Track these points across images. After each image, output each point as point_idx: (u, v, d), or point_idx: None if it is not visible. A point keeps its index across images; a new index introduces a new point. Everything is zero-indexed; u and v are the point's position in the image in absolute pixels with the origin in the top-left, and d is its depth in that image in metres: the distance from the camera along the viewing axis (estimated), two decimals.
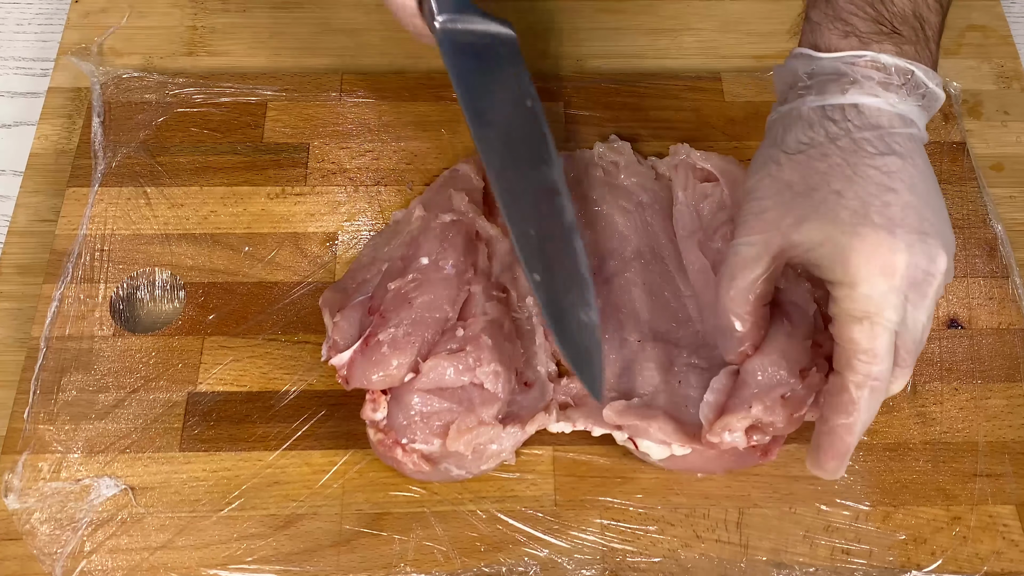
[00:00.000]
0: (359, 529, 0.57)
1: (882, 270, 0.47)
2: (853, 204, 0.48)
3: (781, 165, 0.51)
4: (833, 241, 0.48)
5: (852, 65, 0.51)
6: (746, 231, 0.52)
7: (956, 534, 0.58)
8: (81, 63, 0.74)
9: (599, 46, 0.78)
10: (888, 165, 0.49)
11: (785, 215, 0.50)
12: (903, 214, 0.48)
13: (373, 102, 0.73)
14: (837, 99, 0.51)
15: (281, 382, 0.61)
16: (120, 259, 0.65)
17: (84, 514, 0.57)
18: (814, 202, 0.49)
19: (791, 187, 0.50)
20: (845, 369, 0.48)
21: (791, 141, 0.52)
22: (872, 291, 0.47)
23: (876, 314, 0.47)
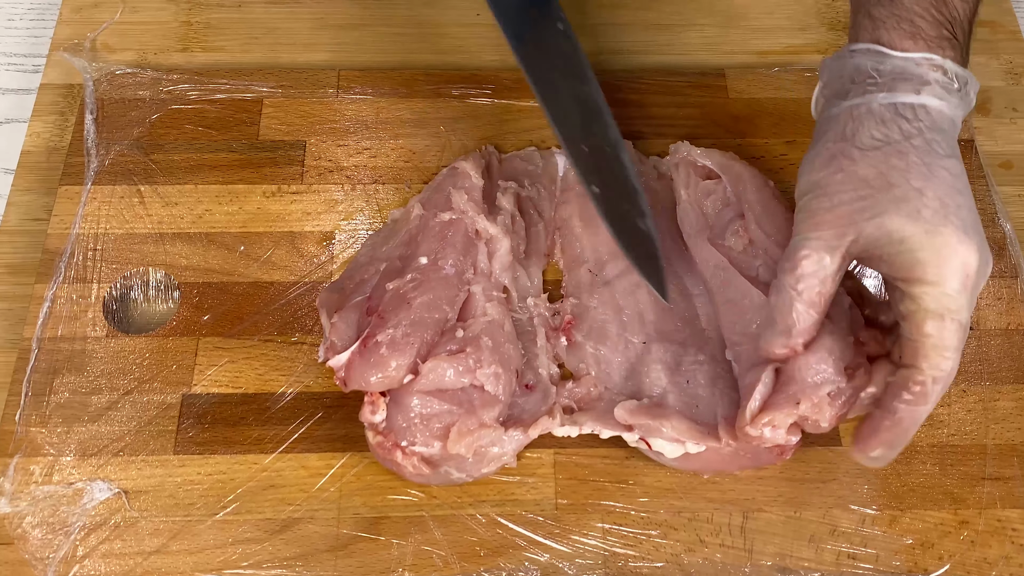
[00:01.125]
0: (357, 533, 0.57)
1: (962, 270, 0.49)
2: (934, 204, 0.50)
3: (855, 160, 0.52)
4: (916, 239, 0.49)
5: (922, 66, 0.52)
6: (815, 225, 0.52)
7: (964, 538, 0.58)
8: (73, 59, 0.74)
9: (600, 42, 0.78)
10: (954, 168, 0.51)
11: (863, 210, 0.51)
12: (971, 217, 0.51)
13: (371, 99, 0.73)
14: (911, 98, 0.52)
15: (277, 384, 0.61)
16: (113, 259, 0.65)
17: (77, 518, 0.57)
18: (894, 198, 0.50)
19: (868, 183, 0.51)
20: (921, 362, 0.50)
21: (864, 136, 0.52)
22: (953, 290, 0.49)
23: (956, 312, 0.49)
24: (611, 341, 0.61)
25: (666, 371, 0.59)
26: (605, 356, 0.61)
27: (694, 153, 0.68)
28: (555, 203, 0.68)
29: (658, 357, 0.60)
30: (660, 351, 0.60)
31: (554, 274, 0.66)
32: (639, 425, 0.57)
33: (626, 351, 0.61)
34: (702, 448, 0.56)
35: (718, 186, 0.66)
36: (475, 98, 0.73)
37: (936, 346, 0.50)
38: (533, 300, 0.63)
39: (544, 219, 0.67)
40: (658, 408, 0.57)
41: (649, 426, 0.56)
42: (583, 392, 0.60)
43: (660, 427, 0.56)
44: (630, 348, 0.61)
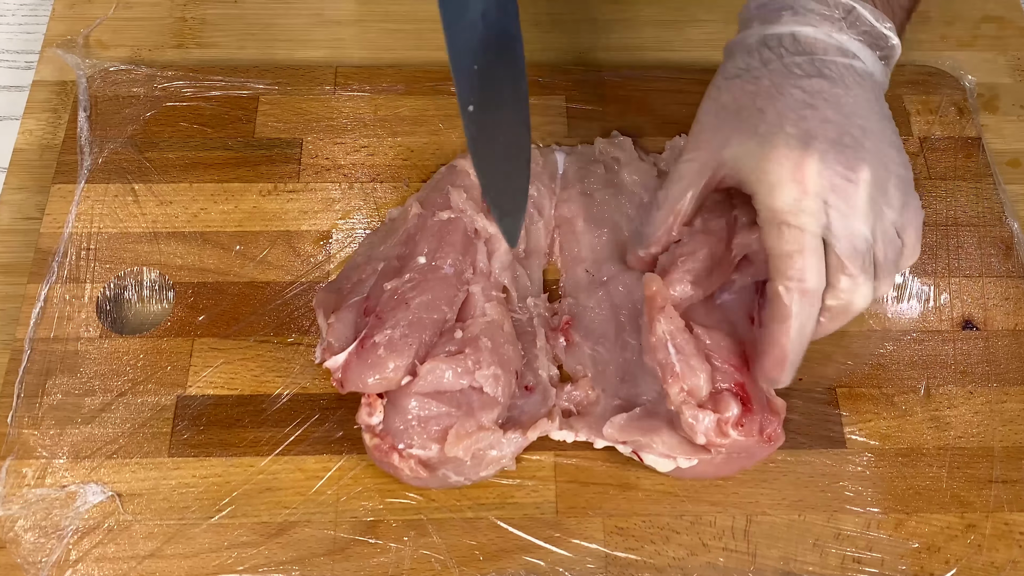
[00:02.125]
0: (354, 537, 0.57)
1: (792, 176, 0.50)
2: (771, 118, 0.52)
3: (720, 89, 0.57)
4: (751, 154, 0.52)
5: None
6: (687, 149, 0.57)
7: (971, 542, 0.58)
8: (67, 56, 0.74)
9: (602, 38, 0.78)
10: (813, 86, 0.53)
11: (716, 134, 0.55)
12: (820, 127, 0.51)
13: (368, 96, 0.73)
14: (775, 28, 0.55)
15: (273, 385, 0.61)
16: (107, 258, 0.65)
17: (70, 522, 0.57)
18: (740, 120, 0.54)
19: (725, 108, 0.55)
20: (775, 275, 0.51)
21: (730, 67, 0.57)
22: (785, 196, 0.51)
23: (792, 218, 0.50)
24: (608, 342, 0.61)
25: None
26: (602, 357, 0.61)
27: None
28: (554, 201, 0.68)
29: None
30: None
31: (554, 273, 0.66)
32: (629, 441, 0.57)
33: (623, 352, 0.61)
34: (694, 462, 0.56)
35: None
36: None
37: (779, 255, 0.51)
38: (533, 300, 0.63)
39: (544, 217, 0.67)
40: (648, 421, 0.57)
41: (639, 442, 0.56)
42: (581, 395, 0.60)
43: (651, 443, 0.56)
44: (628, 349, 0.61)
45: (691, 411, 0.54)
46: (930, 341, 0.64)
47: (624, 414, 0.58)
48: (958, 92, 0.74)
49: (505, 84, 0.55)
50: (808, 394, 0.62)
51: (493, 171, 0.54)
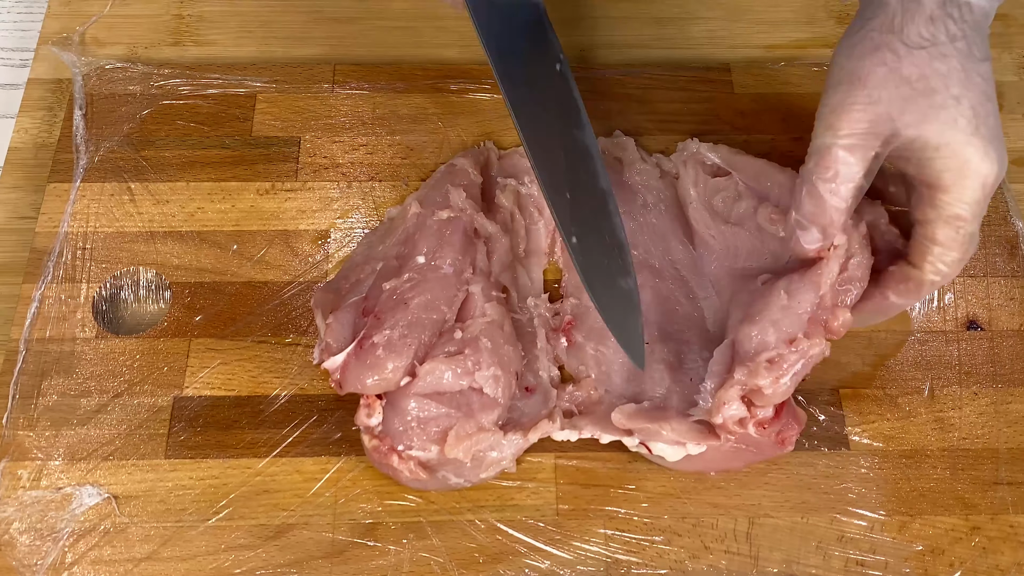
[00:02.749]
0: (352, 539, 0.57)
1: (983, 182, 0.52)
2: (968, 113, 0.52)
3: (900, 57, 0.53)
4: (950, 148, 0.52)
5: None
6: (850, 121, 0.53)
7: (976, 545, 0.58)
8: (62, 53, 0.74)
9: (603, 36, 0.78)
10: (986, 72, 0.53)
11: (904, 110, 0.52)
12: (996, 125, 0.53)
13: (367, 94, 0.73)
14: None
15: (271, 386, 0.61)
16: (103, 258, 0.65)
17: (65, 524, 0.57)
18: (934, 105, 0.52)
19: (910, 83, 0.52)
20: (925, 263, 0.53)
21: (912, 33, 0.53)
22: (971, 200, 0.52)
23: (969, 222, 0.52)
24: (612, 342, 0.61)
25: (668, 370, 0.60)
26: (606, 357, 0.61)
27: (703, 150, 0.68)
28: None
29: (660, 357, 0.60)
30: (663, 351, 0.61)
31: (555, 273, 0.66)
32: (638, 429, 0.57)
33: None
34: (703, 448, 0.56)
35: (728, 182, 0.66)
36: (474, 93, 0.73)
37: (943, 252, 0.53)
38: (533, 300, 0.63)
39: (544, 217, 0.67)
40: (657, 411, 0.57)
41: (648, 430, 0.56)
42: (583, 395, 0.60)
43: (659, 430, 0.56)
44: None
45: (727, 392, 0.54)
46: (934, 341, 0.64)
47: (633, 404, 0.58)
48: None
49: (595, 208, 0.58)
50: (811, 395, 0.62)
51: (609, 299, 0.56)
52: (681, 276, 0.64)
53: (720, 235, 0.64)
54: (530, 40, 0.63)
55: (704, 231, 0.65)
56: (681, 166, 0.68)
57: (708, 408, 0.56)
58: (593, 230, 0.58)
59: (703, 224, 0.65)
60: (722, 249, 0.64)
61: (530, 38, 0.63)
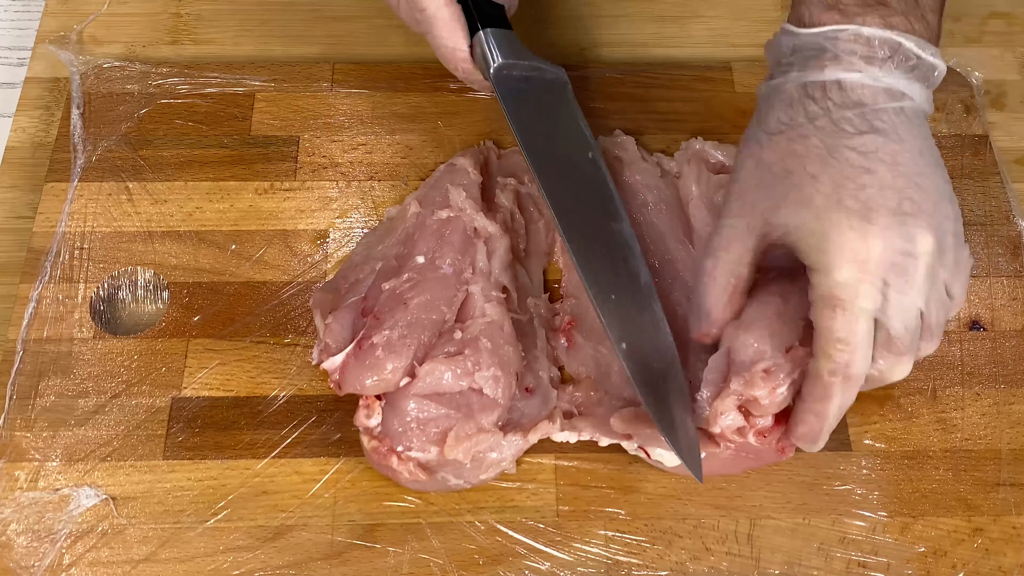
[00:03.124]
0: (351, 541, 0.57)
1: (854, 256, 0.49)
2: (826, 188, 0.50)
3: (762, 146, 0.53)
4: (807, 227, 0.50)
5: (834, 40, 0.52)
6: (728, 212, 0.54)
7: (978, 546, 0.58)
8: (60, 52, 0.74)
9: (603, 34, 0.79)
10: (867, 144, 0.50)
11: (764, 198, 0.52)
12: (880, 196, 0.49)
13: (366, 93, 0.73)
14: (817, 76, 0.52)
15: (270, 387, 0.61)
16: (101, 258, 0.65)
17: (63, 525, 0.57)
18: (789, 186, 0.51)
19: (770, 168, 0.52)
20: (819, 356, 0.50)
21: (772, 121, 0.53)
22: (844, 278, 0.49)
23: (848, 301, 0.49)
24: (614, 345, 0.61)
25: None
26: (606, 358, 0.61)
27: (707, 148, 0.68)
28: None
29: None
30: None
31: (555, 273, 0.66)
32: (636, 434, 0.57)
33: None
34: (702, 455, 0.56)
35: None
36: (473, 92, 0.73)
37: (829, 338, 0.49)
38: (534, 300, 0.63)
39: (544, 216, 0.67)
40: None
41: (646, 435, 0.56)
42: (583, 396, 0.60)
43: (657, 435, 0.56)
44: None
45: (724, 402, 0.54)
46: None
47: (631, 408, 0.58)
48: (965, 89, 0.74)
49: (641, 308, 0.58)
50: None
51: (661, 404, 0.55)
52: (680, 276, 0.64)
53: None
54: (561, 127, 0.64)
55: (702, 229, 0.65)
56: (684, 164, 0.68)
57: (706, 416, 0.55)
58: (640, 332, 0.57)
59: (702, 222, 0.65)
60: None
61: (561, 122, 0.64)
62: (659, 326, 0.58)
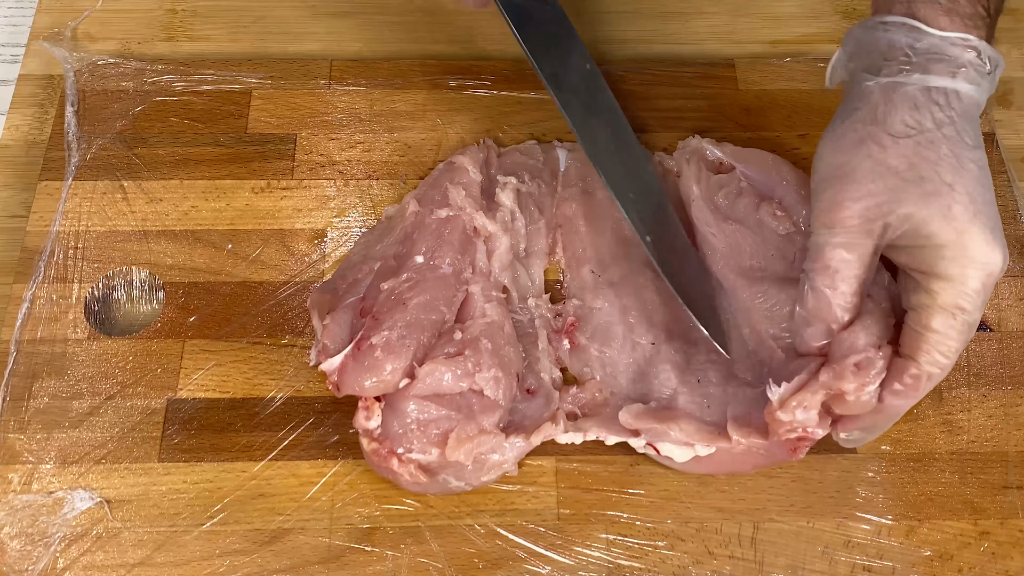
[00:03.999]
0: (349, 544, 0.57)
1: (984, 271, 0.50)
2: (963, 200, 0.50)
3: (885, 148, 0.52)
4: (944, 236, 0.50)
5: (956, 47, 0.52)
6: (842, 219, 0.52)
7: (985, 550, 0.58)
8: (54, 49, 0.74)
9: (605, 31, 0.79)
10: (981, 160, 0.52)
11: (892, 203, 0.51)
12: (995, 215, 0.51)
13: (364, 90, 0.73)
14: (945, 82, 0.52)
15: (266, 388, 0.61)
16: (95, 257, 0.65)
17: (57, 529, 0.57)
18: (925, 193, 0.51)
19: (898, 174, 0.52)
20: (920, 355, 0.51)
21: (896, 123, 0.52)
22: (972, 289, 0.50)
23: (969, 312, 0.51)
24: (617, 343, 0.61)
25: (676, 371, 0.60)
26: (611, 359, 0.61)
27: (706, 145, 0.68)
28: (556, 199, 0.68)
29: (667, 357, 0.60)
30: (670, 351, 0.61)
31: (555, 274, 0.66)
32: (646, 429, 0.57)
33: (633, 353, 0.61)
34: (712, 450, 0.56)
35: (730, 178, 0.66)
36: (473, 89, 0.73)
37: (940, 343, 0.51)
38: (534, 301, 0.64)
39: (545, 216, 0.67)
40: (665, 411, 0.57)
41: (656, 430, 0.56)
42: (588, 397, 0.60)
43: (668, 430, 0.56)
44: (637, 350, 0.61)
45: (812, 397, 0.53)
46: None
47: (640, 404, 0.58)
48: None
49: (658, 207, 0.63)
50: None
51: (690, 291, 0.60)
52: None
53: (722, 233, 0.64)
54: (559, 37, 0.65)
55: (705, 229, 0.65)
56: (684, 163, 0.68)
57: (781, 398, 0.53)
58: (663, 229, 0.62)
59: (704, 222, 0.65)
60: (725, 248, 0.64)
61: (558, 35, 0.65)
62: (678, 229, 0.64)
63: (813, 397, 0.53)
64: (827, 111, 0.72)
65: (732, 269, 0.63)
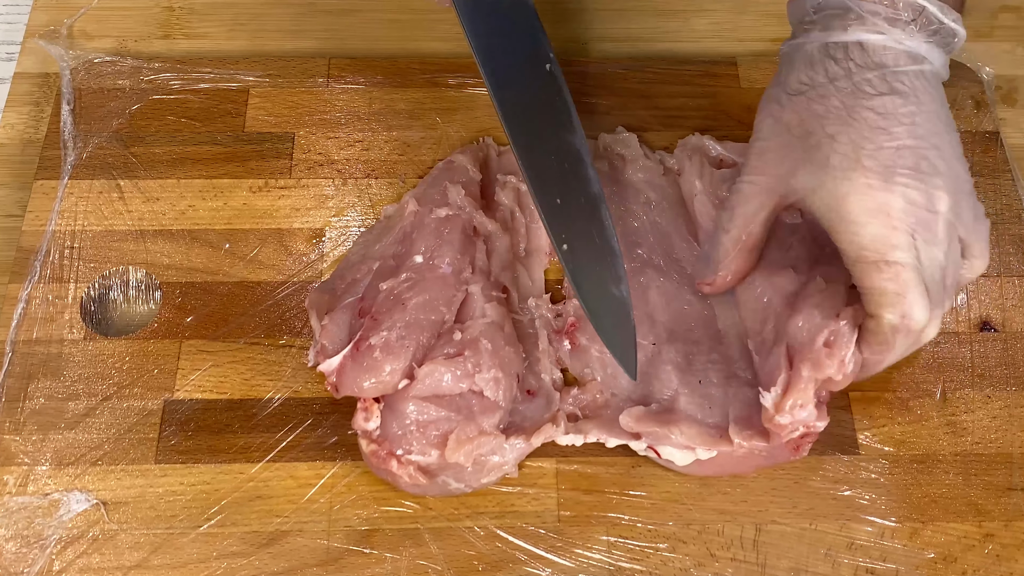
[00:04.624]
0: (348, 547, 0.57)
1: (877, 212, 0.50)
2: (845, 148, 0.51)
3: (783, 106, 0.55)
4: (825, 187, 0.51)
5: (858, 1, 0.53)
6: (748, 171, 0.56)
7: (989, 552, 0.58)
8: (49, 46, 0.74)
9: (605, 28, 0.79)
10: (886, 105, 0.52)
11: (783, 158, 0.54)
12: (897, 156, 0.51)
13: (363, 88, 0.73)
14: (840, 36, 0.53)
15: (264, 389, 0.61)
16: (91, 257, 0.65)
17: (53, 531, 0.57)
18: (808, 147, 0.53)
19: (790, 129, 0.54)
20: (877, 310, 0.51)
21: (792, 81, 0.55)
22: (872, 233, 0.50)
23: (888, 254, 0.50)
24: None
25: (677, 372, 0.60)
26: (612, 360, 0.61)
27: (707, 142, 0.68)
28: None
29: (669, 358, 0.60)
30: (671, 352, 0.61)
31: (556, 274, 0.66)
32: (647, 433, 0.57)
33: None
34: (713, 453, 0.56)
35: (733, 173, 0.66)
36: (472, 88, 0.73)
37: (882, 292, 0.51)
38: (535, 301, 0.64)
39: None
40: (667, 414, 0.58)
41: (657, 433, 0.56)
42: (588, 398, 0.60)
43: (669, 434, 0.56)
44: (640, 350, 0.61)
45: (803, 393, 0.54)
46: (946, 343, 0.64)
47: (641, 406, 0.58)
48: (975, 85, 0.75)
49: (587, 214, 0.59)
50: None
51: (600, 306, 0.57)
52: (688, 274, 0.64)
53: None
54: (519, 39, 0.63)
55: (708, 224, 0.65)
56: (685, 159, 0.68)
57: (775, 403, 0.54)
58: (585, 236, 0.58)
59: (707, 218, 0.65)
60: None
61: (519, 36, 0.63)
62: (606, 234, 0.59)
63: (805, 393, 0.53)
64: None
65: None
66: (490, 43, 0.60)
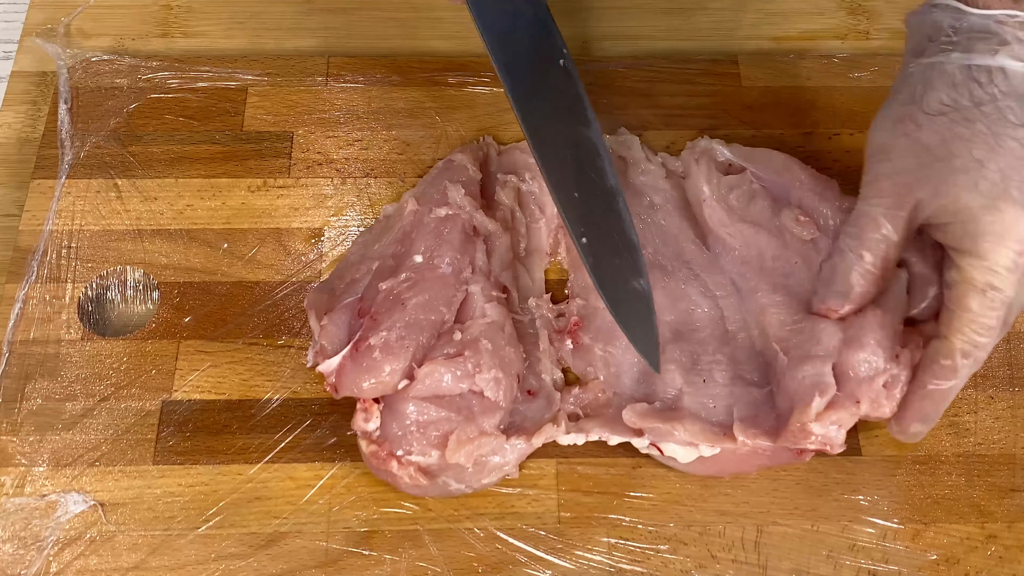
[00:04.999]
0: (347, 548, 0.57)
1: (1014, 245, 0.51)
2: (994, 176, 0.51)
3: (920, 125, 0.54)
4: (970, 211, 0.51)
5: (1002, 24, 0.53)
6: (877, 191, 0.55)
7: (992, 554, 0.58)
8: (47, 45, 0.74)
9: (606, 27, 0.79)
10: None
11: (922, 179, 0.53)
12: None
13: (362, 87, 0.73)
14: (985, 60, 0.53)
15: (263, 390, 0.61)
16: (89, 257, 0.65)
17: (50, 532, 0.57)
18: (953, 169, 0.52)
19: (929, 150, 0.53)
20: (954, 334, 0.52)
21: (932, 100, 0.54)
22: (1000, 265, 0.51)
23: (999, 288, 0.51)
24: (621, 342, 0.61)
25: (681, 371, 0.60)
26: (615, 358, 0.61)
27: (715, 146, 0.68)
28: None
29: (673, 357, 0.60)
30: (675, 351, 0.61)
31: (556, 273, 0.66)
32: (650, 429, 0.57)
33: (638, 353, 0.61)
34: (716, 450, 0.56)
35: (741, 179, 0.66)
36: (472, 86, 0.73)
37: (973, 321, 0.52)
38: (535, 301, 0.64)
39: (546, 215, 0.67)
40: (670, 411, 0.58)
41: (660, 429, 0.57)
42: (590, 398, 0.60)
43: (672, 430, 0.56)
44: None
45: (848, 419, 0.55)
46: None
47: (644, 403, 0.58)
48: None
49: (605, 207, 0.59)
50: None
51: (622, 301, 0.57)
52: (696, 275, 0.64)
53: (739, 233, 0.64)
54: (532, 34, 0.63)
55: (720, 229, 0.65)
56: (692, 163, 0.68)
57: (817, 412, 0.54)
58: (603, 230, 0.58)
59: (718, 222, 0.65)
60: (743, 248, 0.64)
61: (532, 32, 0.63)
62: (624, 227, 0.59)
63: (850, 419, 0.54)
64: (832, 108, 0.72)
65: (753, 270, 0.63)
66: (503, 37, 0.60)
